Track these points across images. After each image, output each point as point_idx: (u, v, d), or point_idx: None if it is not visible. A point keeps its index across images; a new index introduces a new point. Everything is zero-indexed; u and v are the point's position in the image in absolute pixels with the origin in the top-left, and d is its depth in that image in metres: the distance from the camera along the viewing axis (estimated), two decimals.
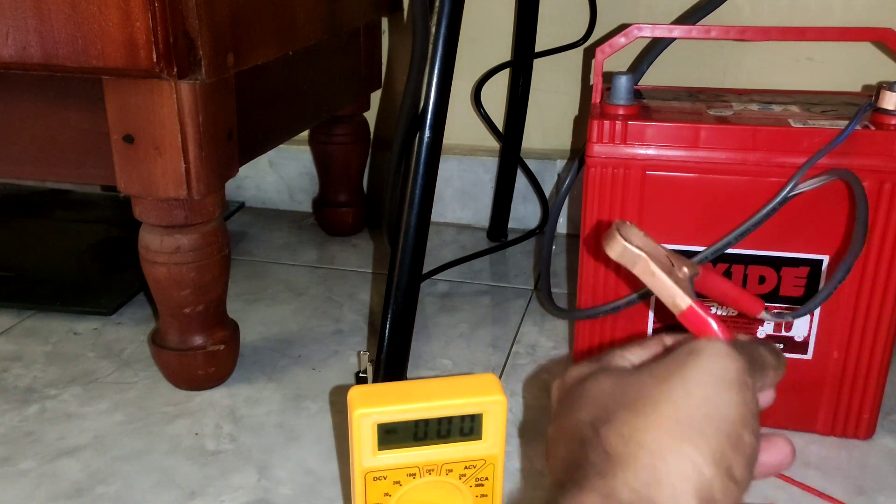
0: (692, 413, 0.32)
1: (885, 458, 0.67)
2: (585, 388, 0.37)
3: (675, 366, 0.34)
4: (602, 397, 0.35)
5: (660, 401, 0.33)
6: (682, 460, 0.31)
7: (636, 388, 0.34)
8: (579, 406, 0.36)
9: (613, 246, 0.38)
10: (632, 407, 0.33)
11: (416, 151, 0.60)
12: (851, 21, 0.95)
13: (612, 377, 0.36)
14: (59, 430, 0.71)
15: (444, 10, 0.59)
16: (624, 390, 0.35)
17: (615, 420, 0.33)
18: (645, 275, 0.38)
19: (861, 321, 0.64)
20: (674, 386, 0.33)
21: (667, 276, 0.38)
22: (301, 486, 0.64)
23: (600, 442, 0.33)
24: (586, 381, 0.37)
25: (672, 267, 0.39)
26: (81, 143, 0.70)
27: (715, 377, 0.33)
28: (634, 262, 0.38)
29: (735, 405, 0.33)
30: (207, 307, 0.73)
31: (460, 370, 0.80)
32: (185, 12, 0.61)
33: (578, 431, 0.35)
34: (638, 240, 0.39)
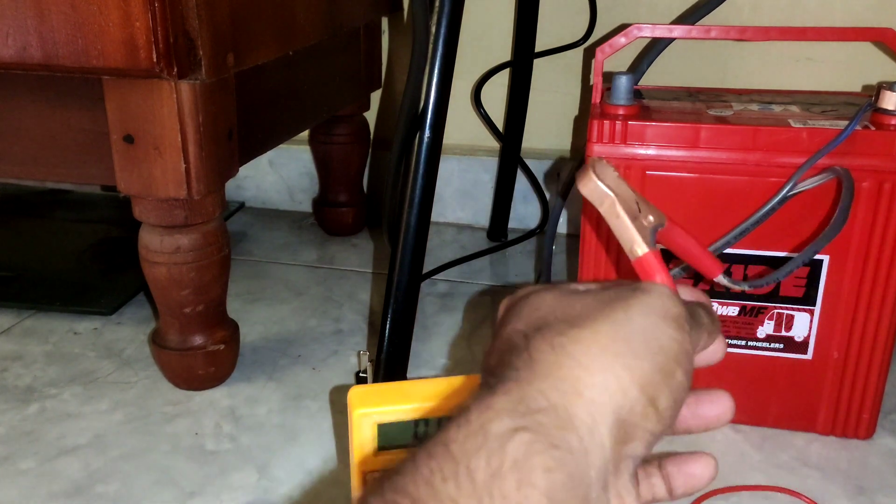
0: (630, 336, 0.32)
1: (885, 458, 0.67)
2: (529, 300, 0.36)
3: (620, 295, 0.34)
4: (543, 308, 0.35)
5: (598, 318, 0.32)
6: (609, 376, 0.30)
7: (579, 307, 0.34)
8: (517, 316, 0.35)
9: (585, 182, 0.39)
10: (570, 321, 0.33)
11: (416, 151, 0.60)
12: (851, 21, 0.95)
13: (557, 292, 0.36)
14: (58, 430, 0.71)
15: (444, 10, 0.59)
16: (566, 306, 0.34)
17: (548, 329, 0.32)
18: (610, 215, 0.38)
19: (861, 321, 0.64)
20: (616, 309, 0.33)
21: (630, 220, 0.38)
22: (301, 486, 0.64)
23: (527, 348, 0.32)
24: (531, 295, 0.37)
25: (638, 213, 0.39)
26: (81, 143, 0.70)
27: (657, 312, 0.33)
28: (602, 200, 0.38)
29: (673, 339, 0.32)
30: (207, 307, 0.73)
31: (460, 370, 0.80)
32: (185, 12, 0.61)
33: (509, 340, 0.34)
34: (610, 180, 0.39)
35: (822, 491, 0.63)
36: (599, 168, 0.39)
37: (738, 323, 0.67)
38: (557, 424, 0.29)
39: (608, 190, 0.38)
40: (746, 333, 0.67)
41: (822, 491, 0.63)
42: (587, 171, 0.38)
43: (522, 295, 0.37)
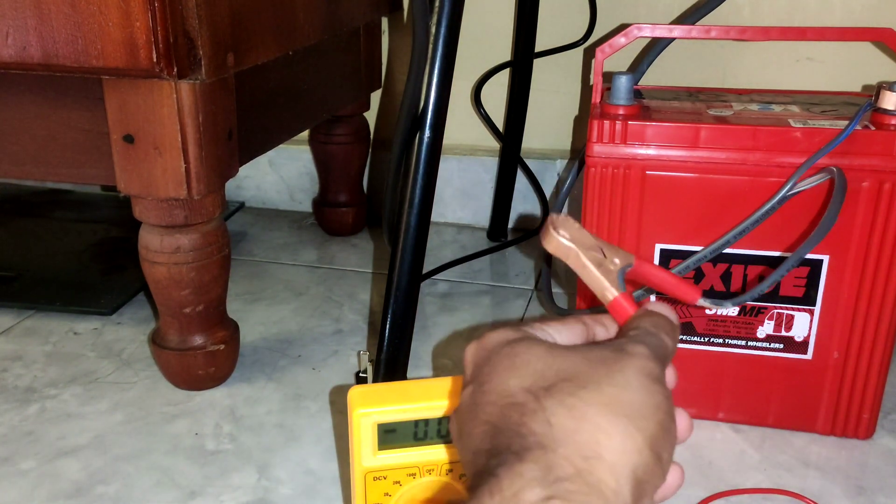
0: (632, 397, 0.33)
1: (885, 458, 0.67)
2: (513, 352, 0.37)
3: (610, 356, 0.35)
4: (536, 365, 0.35)
5: (602, 381, 0.34)
6: (626, 439, 0.32)
7: (574, 365, 0.35)
8: (507, 371, 0.36)
9: (548, 240, 0.40)
10: (574, 381, 0.34)
11: (416, 151, 0.60)
12: (851, 21, 0.95)
13: (544, 347, 0.36)
14: (59, 430, 0.71)
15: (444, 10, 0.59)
16: (560, 363, 0.35)
17: (557, 390, 0.33)
18: (577, 267, 0.40)
19: (861, 321, 0.64)
20: (613, 370, 0.34)
21: (596, 269, 0.40)
22: (301, 486, 0.64)
23: (542, 409, 0.33)
24: (512, 345, 0.37)
25: (604, 258, 0.41)
26: (81, 143, 0.70)
27: (645, 373, 0.34)
28: (567, 254, 0.40)
29: (664, 397, 0.34)
30: (207, 307, 0.73)
31: (460, 370, 0.80)
32: (185, 12, 0.61)
33: (509, 396, 0.34)
34: (571, 232, 0.40)
35: (822, 491, 0.63)
36: (560, 224, 0.40)
37: (738, 323, 0.67)
38: (585, 490, 0.30)
39: (570, 243, 0.40)
40: (746, 333, 0.67)
41: (822, 491, 0.63)
42: (548, 229, 0.40)
43: (498, 344, 0.38)
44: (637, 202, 0.64)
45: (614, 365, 0.35)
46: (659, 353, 0.37)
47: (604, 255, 0.41)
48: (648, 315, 0.40)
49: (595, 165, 0.64)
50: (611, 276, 0.40)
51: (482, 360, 0.38)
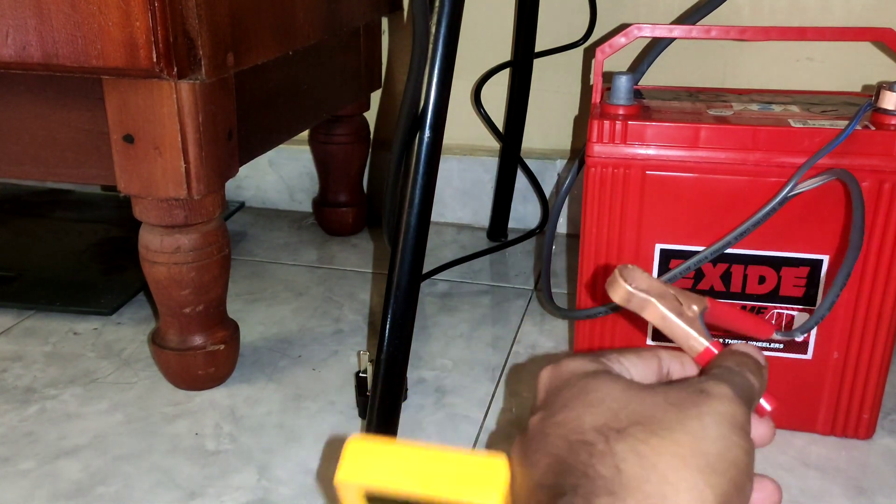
0: (707, 448, 0.32)
1: (885, 458, 0.67)
2: (589, 387, 0.35)
3: (689, 399, 0.34)
4: (611, 404, 0.34)
5: (676, 428, 0.32)
6: (694, 494, 0.31)
7: (649, 407, 0.33)
8: (581, 405, 0.35)
9: (617, 291, 0.38)
10: (647, 425, 0.33)
11: (416, 151, 0.60)
12: (851, 21, 0.95)
13: (621, 385, 0.35)
14: (59, 430, 0.71)
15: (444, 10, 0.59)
16: (636, 405, 0.34)
17: (629, 435, 0.32)
18: (655, 319, 0.38)
19: (861, 321, 0.64)
20: (690, 416, 0.33)
21: (678, 319, 0.38)
22: (301, 486, 0.64)
23: (612, 454, 0.32)
24: (589, 379, 0.36)
25: (681, 306, 0.38)
26: (81, 143, 0.70)
27: (727, 421, 0.33)
28: (643, 307, 0.38)
29: (743, 451, 0.33)
30: (207, 307, 0.73)
31: (460, 370, 0.80)
32: (185, 12, 0.61)
33: (580, 433, 0.33)
34: (643, 282, 0.38)
35: (822, 491, 0.63)
36: (628, 274, 0.38)
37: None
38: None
39: (645, 295, 0.38)
40: None
41: (822, 491, 0.63)
42: (616, 279, 0.38)
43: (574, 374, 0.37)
44: (637, 202, 0.64)
45: (692, 409, 0.33)
46: (744, 393, 0.35)
47: (679, 303, 0.38)
48: (731, 354, 0.38)
49: (595, 165, 0.64)
50: (695, 325, 0.38)
51: (556, 388, 0.37)
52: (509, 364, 0.81)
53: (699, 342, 0.38)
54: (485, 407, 0.74)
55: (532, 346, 0.84)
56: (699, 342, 0.38)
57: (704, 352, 0.38)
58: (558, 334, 0.87)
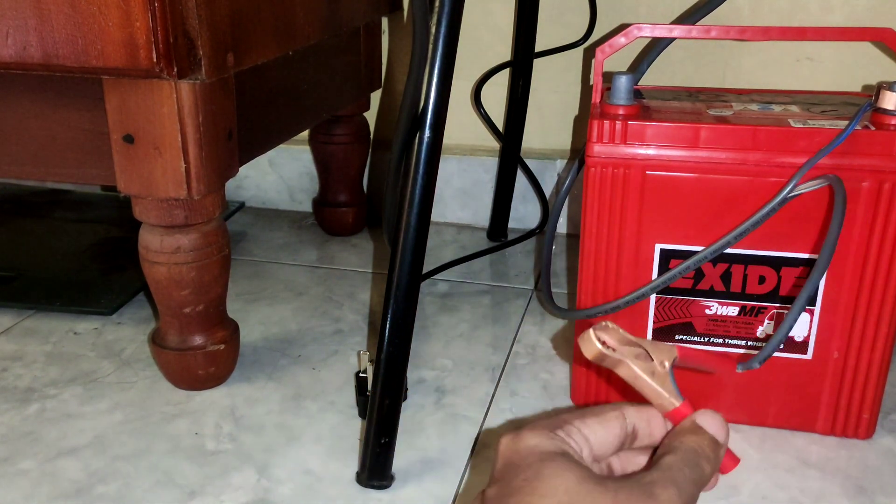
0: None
1: (885, 458, 0.67)
2: (543, 473, 0.36)
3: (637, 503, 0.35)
4: (562, 496, 0.35)
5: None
6: None
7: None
8: (533, 491, 0.35)
9: (589, 349, 0.39)
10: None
11: (416, 151, 0.60)
12: (851, 21, 0.95)
13: (574, 477, 0.36)
14: (59, 430, 0.71)
15: (444, 10, 0.59)
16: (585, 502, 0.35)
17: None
18: (628, 377, 0.40)
19: (861, 321, 0.64)
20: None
21: (650, 378, 0.39)
22: (301, 486, 0.64)
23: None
24: (545, 463, 0.37)
25: (653, 363, 0.40)
26: (81, 143, 0.70)
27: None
28: (616, 365, 0.39)
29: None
30: (207, 307, 0.73)
31: (460, 370, 0.80)
32: (185, 12, 0.61)
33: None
34: (615, 340, 0.39)
35: (822, 491, 0.63)
36: (602, 331, 0.39)
37: (737, 323, 0.67)
38: None
39: (617, 355, 0.39)
40: (746, 333, 0.67)
41: (822, 491, 0.63)
42: (590, 339, 0.39)
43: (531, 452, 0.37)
44: (637, 202, 0.64)
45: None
46: (691, 489, 0.36)
47: (651, 359, 0.40)
48: (693, 433, 0.39)
49: (595, 165, 0.64)
50: (666, 384, 0.40)
51: (513, 464, 0.38)
52: (509, 364, 0.81)
53: (670, 402, 0.40)
54: (485, 407, 0.74)
55: (532, 347, 0.84)
56: (670, 402, 0.40)
57: (674, 411, 0.40)
58: (558, 334, 0.87)
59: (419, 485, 0.64)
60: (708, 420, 0.40)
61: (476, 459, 0.67)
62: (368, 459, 0.63)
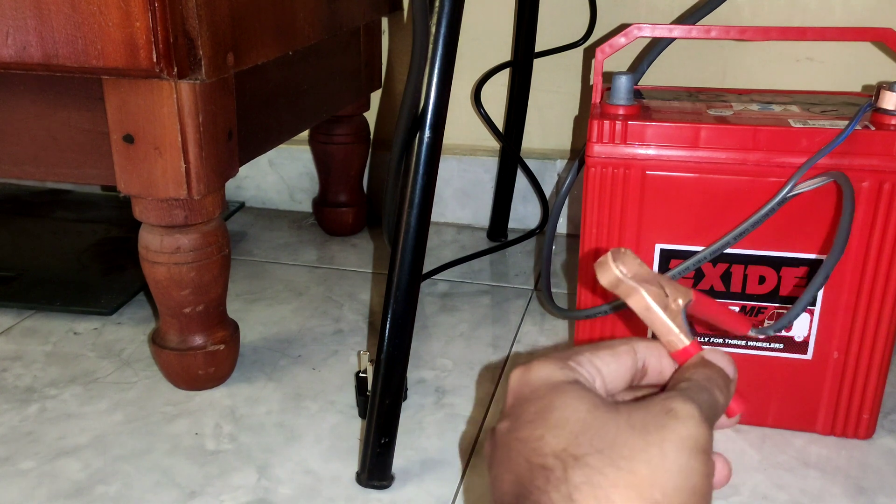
0: (665, 481, 0.32)
1: (885, 458, 0.67)
2: (554, 403, 0.35)
3: (653, 422, 0.33)
4: (574, 426, 0.34)
5: (636, 457, 0.32)
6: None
7: (611, 432, 0.33)
8: (544, 424, 0.34)
9: (606, 274, 0.37)
10: (607, 455, 0.32)
11: (416, 151, 0.60)
12: (851, 21, 0.95)
13: (586, 405, 0.35)
14: (59, 430, 0.71)
15: (444, 10, 0.59)
16: (599, 428, 0.33)
17: (586, 464, 0.32)
18: (640, 308, 0.38)
19: (861, 321, 0.64)
20: (651, 443, 0.33)
21: (663, 312, 0.37)
22: (301, 486, 0.64)
23: (566, 482, 0.32)
24: (556, 394, 0.35)
25: (667, 298, 0.38)
26: (81, 143, 0.70)
27: (689, 445, 0.33)
28: (629, 293, 0.37)
29: (702, 476, 0.33)
30: (207, 307, 0.73)
31: (460, 370, 0.80)
32: (185, 12, 0.61)
33: (540, 456, 0.33)
34: (632, 269, 0.37)
35: (822, 491, 0.63)
36: (620, 258, 0.37)
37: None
38: None
39: (633, 282, 0.37)
40: None
41: (822, 491, 0.63)
42: (607, 262, 0.37)
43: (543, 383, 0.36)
44: (637, 202, 0.64)
45: (654, 435, 0.33)
46: (709, 412, 0.35)
47: (665, 294, 0.38)
48: (703, 366, 0.38)
49: (595, 165, 0.64)
50: (678, 320, 0.38)
51: (523, 396, 0.37)
52: (509, 364, 0.81)
53: (679, 339, 0.38)
54: (485, 407, 0.74)
55: (532, 347, 0.84)
56: (679, 339, 0.38)
57: (682, 350, 0.38)
58: (558, 334, 0.87)
59: (419, 485, 0.64)
60: (717, 356, 0.38)
61: (476, 459, 0.67)
62: (368, 459, 0.63)
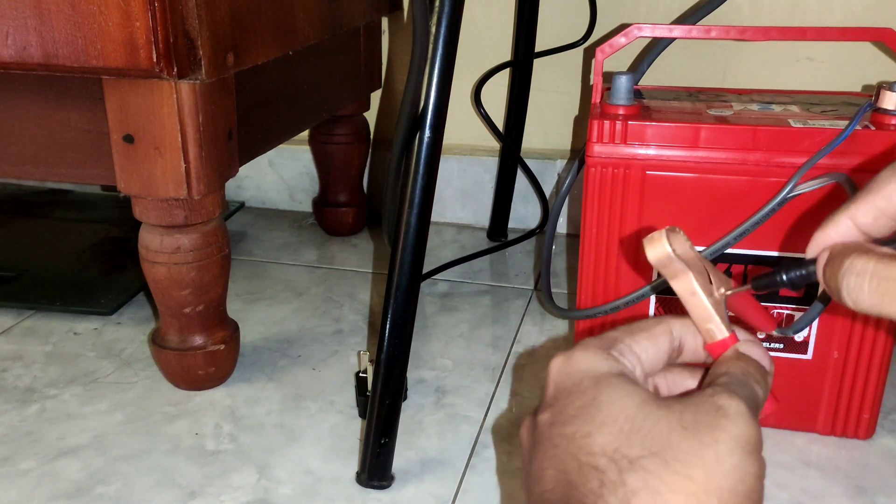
0: (721, 484, 0.31)
1: (885, 458, 0.67)
2: (601, 399, 0.34)
3: (704, 422, 0.33)
4: (624, 424, 0.33)
5: (691, 462, 0.31)
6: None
7: (664, 432, 0.32)
8: (592, 421, 0.33)
9: (657, 251, 0.36)
10: (662, 458, 0.32)
11: (416, 151, 0.60)
12: (851, 21, 0.95)
13: (635, 401, 0.34)
14: (59, 430, 0.71)
15: (444, 10, 0.59)
16: (650, 428, 0.33)
17: (641, 467, 0.31)
18: (684, 291, 0.36)
19: (861, 321, 0.64)
20: (705, 444, 0.32)
21: (707, 299, 0.36)
22: (301, 486, 0.64)
23: (623, 485, 0.31)
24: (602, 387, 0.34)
25: (711, 286, 0.37)
26: (81, 143, 0.70)
27: (741, 445, 0.32)
28: (676, 275, 0.36)
29: (756, 477, 0.32)
30: (207, 307, 0.73)
31: (460, 370, 0.80)
32: (185, 12, 0.61)
33: (590, 455, 0.33)
34: (683, 250, 0.36)
35: (822, 491, 0.63)
36: (673, 237, 0.36)
37: (737, 323, 0.67)
38: None
39: (683, 264, 0.36)
40: None
41: (822, 491, 0.63)
42: (660, 241, 0.36)
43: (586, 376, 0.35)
44: (637, 202, 0.64)
45: (707, 436, 0.32)
46: (753, 407, 0.34)
47: (710, 281, 0.37)
48: (739, 359, 0.37)
49: (595, 165, 0.64)
50: (720, 310, 0.36)
51: (566, 388, 0.36)
52: (509, 364, 0.81)
53: (719, 330, 0.37)
54: (485, 407, 0.74)
55: (532, 347, 0.84)
56: (719, 330, 0.37)
57: (721, 342, 0.37)
58: (558, 334, 0.87)
59: (419, 485, 0.64)
60: (751, 348, 0.37)
61: (476, 459, 0.67)
62: (368, 459, 0.63)
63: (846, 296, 0.32)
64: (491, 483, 0.65)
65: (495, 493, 0.64)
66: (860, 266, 0.32)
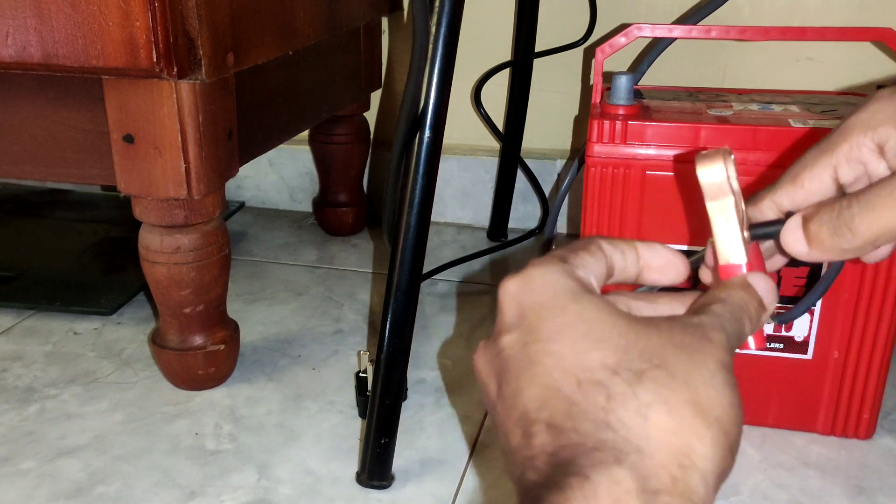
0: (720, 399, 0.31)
1: (885, 458, 0.67)
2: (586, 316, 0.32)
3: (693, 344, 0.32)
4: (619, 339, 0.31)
5: (691, 376, 0.31)
6: (717, 445, 0.30)
7: (659, 349, 0.31)
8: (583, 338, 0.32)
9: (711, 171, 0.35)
10: (665, 369, 0.30)
11: (416, 151, 0.60)
12: (851, 21, 0.95)
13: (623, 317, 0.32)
14: (59, 430, 0.71)
15: (444, 10, 0.59)
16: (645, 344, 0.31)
17: (650, 379, 0.30)
18: (719, 215, 0.36)
19: (861, 321, 0.64)
20: (698, 363, 0.31)
21: (740, 226, 0.36)
22: (301, 486, 0.64)
23: (635, 397, 0.30)
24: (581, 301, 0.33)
25: (743, 222, 0.36)
26: (81, 143, 0.70)
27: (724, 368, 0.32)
28: (717, 194, 0.35)
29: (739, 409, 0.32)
30: (207, 307, 0.73)
31: (460, 370, 0.80)
32: (185, 12, 0.61)
33: (587, 371, 0.31)
34: (732, 175, 0.36)
35: (822, 491, 0.63)
36: (728, 161, 0.35)
37: None
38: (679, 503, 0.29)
39: (730, 191, 0.35)
40: None
41: (822, 491, 0.63)
42: (718, 160, 0.35)
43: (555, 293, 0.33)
44: (637, 202, 0.64)
45: (697, 355, 0.31)
46: (733, 343, 0.34)
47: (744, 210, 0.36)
48: (743, 288, 0.36)
49: (595, 165, 0.64)
50: (745, 242, 0.36)
51: (536, 304, 0.33)
52: None
53: (739, 255, 0.36)
54: (484, 407, 0.74)
55: None
56: (739, 255, 0.36)
57: (735, 265, 0.36)
58: None
59: (419, 485, 0.64)
60: (760, 281, 0.37)
61: (476, 459, 0.67)
62: (368, 459, 0.63)
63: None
64: (491, 483, 0.65)
65: (495, 494, 0.64)
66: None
